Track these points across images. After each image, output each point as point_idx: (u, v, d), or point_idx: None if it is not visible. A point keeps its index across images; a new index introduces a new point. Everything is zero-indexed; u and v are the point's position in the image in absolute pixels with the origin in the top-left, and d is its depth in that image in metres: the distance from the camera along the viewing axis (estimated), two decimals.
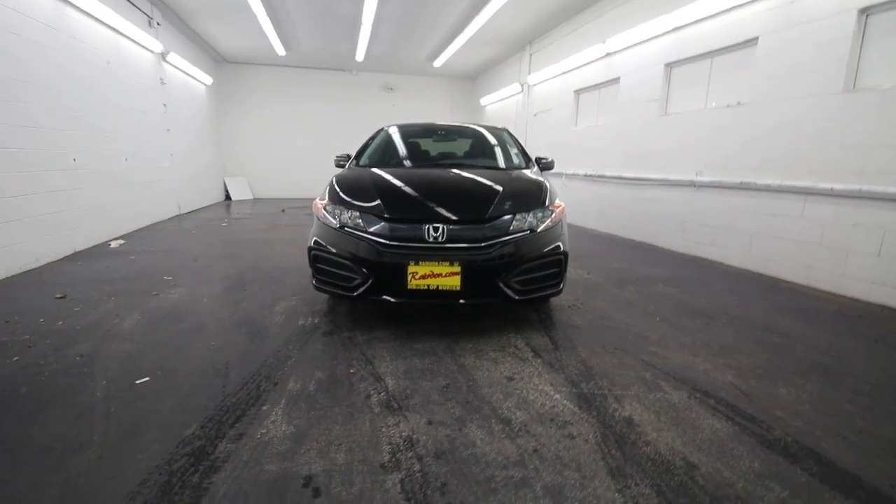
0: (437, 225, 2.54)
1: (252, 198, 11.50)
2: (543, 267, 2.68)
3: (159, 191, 7.19)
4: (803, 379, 2.23)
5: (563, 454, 1.63)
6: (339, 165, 4.07)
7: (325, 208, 2.86)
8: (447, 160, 3.91)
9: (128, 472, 1.49)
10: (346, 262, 2.62)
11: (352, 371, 2.25)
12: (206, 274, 4.04)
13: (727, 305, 3.37)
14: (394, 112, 12.27)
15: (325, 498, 1.40)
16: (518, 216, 2.67)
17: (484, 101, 11.69)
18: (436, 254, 2.50)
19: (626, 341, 2.67)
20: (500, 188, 2.86)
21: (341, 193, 2.90)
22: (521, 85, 9.49)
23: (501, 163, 3.73)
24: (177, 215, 7.95)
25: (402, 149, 3.98)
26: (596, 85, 7.05)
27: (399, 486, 1.46)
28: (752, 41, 4.39)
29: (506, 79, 10.32)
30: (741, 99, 4.59)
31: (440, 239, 2.53)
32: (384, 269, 2.53)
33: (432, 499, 1.40)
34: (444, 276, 2.49)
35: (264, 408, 1.90)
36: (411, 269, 2.48)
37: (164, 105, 7.41)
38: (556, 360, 2.41)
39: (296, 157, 11.82)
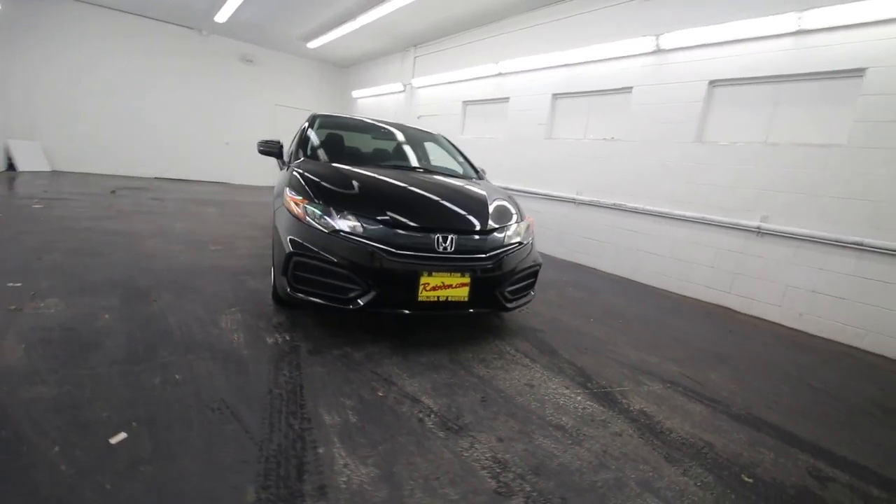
0: (447, 235, 2.49)
1: (50, 170, 8.67)
2: (527, 277, 2.88)
3: None
4: (714, 365, 2.95)
5: (626, 451, 1.85)
6: (268, 153, 3.55)
7: (308, 208, 2.49)
8: (407, 162, 3.78)
9: None
10: (343, 271, 2.34)
11: (381, 394, 2.05)
12: (72, 277, 3.01)
13: (626, 307, 4.12)
14: (254, 89, 10.89)
15: None
16: (507, 227, 2.80)
17: (357, 93, 11.31)
18: (447, 264, 2.45)
19: (587, 342, 3.06)
20: (487, 199, 2.94)
21: (331, 193, 2.57)
22: (404, 85, 9.53)
23: (461, 170, 3.78)
24: None
25: (358, 146, 3.69)
26: (486, 100, 7.60)
27: None
28: (628, 89, 5.43)
29: (386, 76, 10.21)
30: (616, 135, 5.62)
31: (449, 249, 2.48)
32: (393, 279, 2.36)
33: None
34: (454, 287, 2.46)
35: (320, 451, 1.61)
36: (423, 280, 2.37)
37: None
38: (552, 363, 2.64)
39: (120, 123, 9.40)
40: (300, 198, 2.56)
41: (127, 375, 1.94)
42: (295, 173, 2.82)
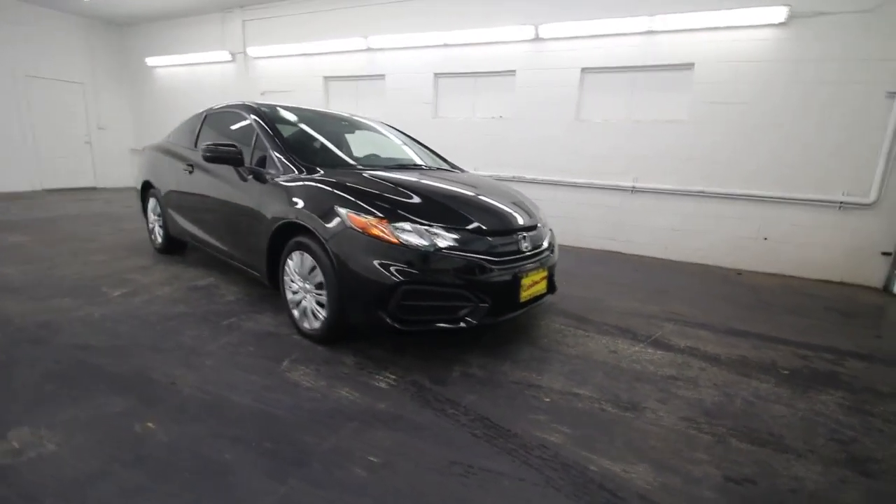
0: (525, 234, 2.57)
1: None
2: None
3: None
4: (664, 299, 3.86)
5: (720, 379, 2.43)
6: (222, 160, 2.83)
7: (396, 228, 2.18)
8: (407, 160, 3.48)
9: None
10: (456, 290, 2.21)
11: (547, 400, 2.10)
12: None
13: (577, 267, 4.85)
14: None
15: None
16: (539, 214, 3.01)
17: (155, 61, 8.95)
18: (533, 262, 2.55)
19: (580, 302, 3.58)
20: (511, 190, 3.06)
21: (405, 207, 2.30)
22: (233, 54, 8.05)
23: (444, 163, 3.68)
24: None
25: (336, 145, 3.21)
26: (355, 76, 7.15)
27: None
28: (512, 72, 5.99)
29: (202, 41, 8.37)
30: (503, 114, 6.18)
31: (529, 248, 2.57)
32: (501, 288, 2.34)
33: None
34: (538, 283, 2.58)
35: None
36: (523, 281, 2.43)
37: None
38: (599, 328, 3.05)
39: None
40: (375, 218, 2.21)
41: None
42: (336, 191, 2.36)
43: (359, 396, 2.05)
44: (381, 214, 2.23)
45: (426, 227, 2.24)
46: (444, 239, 2.25)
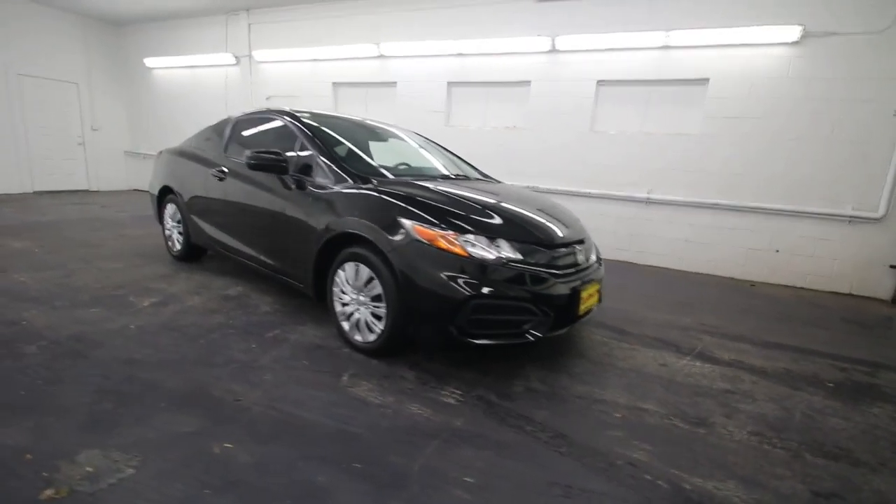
0: (578, 247, 2.57)
1: None
2: None
3: None
4: (691, 311, 3.92)
5: (774, 393, 2.46)
6: (267, 168, 2.77)
7: (466, 241, 2.15)
8: (447, 169, 3.50)
9: None
10: (524, 303, 2.19)
11: (618, 416, 2.09)
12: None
13: None
14: None
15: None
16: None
17: (154, 62, 8.74)
18: (589, 274, 2.55)
19: (640, 317, 3.60)
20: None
21: (469, 220, 2.28)
22: (237, 58, 7.92)
23: (474, 172, 3.67)
24: None
25: (377, 154, 3.17)
26: (365, 83, 7.10)
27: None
28: (527, 83, 6.04)
29: (204, 43, 8.22)
30: (517, 124, 6.22)
31: (584, 260, 2.57)
32: (564, 301, 2.33)
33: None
34: (593, 295, 2.58)
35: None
36: (583, 293, 2.42)
37: None
38: (642, 340, 3.07)
39: None
40: (442, 230, 2.18)
41: None
42: (400, 202, 2.33)
43: (431, 413, 2.00)
44: (448, 226, 2.20)
45: (493, 240, 2.22)
46: (510, 251, 2.23)
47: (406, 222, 2.24)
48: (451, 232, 2.19)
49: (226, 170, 3.39)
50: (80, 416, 1.82)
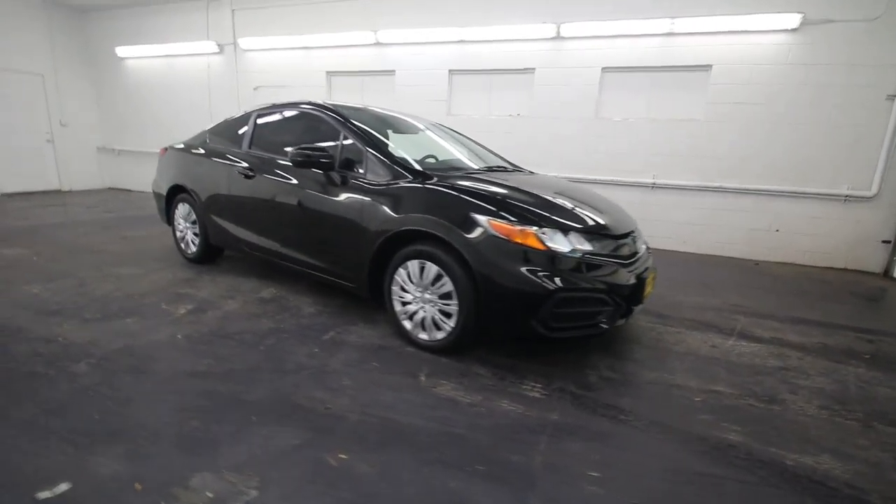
0: (634, 235, 2.61)
1: None
2: None
3: None
4: (715, 292, 4.07)
5: (822, 367, 2.60)
6: (312, 165, 2.68)
7: (544, 235, 2.15)
8: (491, 161, 3.50)
9: None
10: (601, 295, 2.21)
11: (698, 399, 2.16)
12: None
13: None
14: None
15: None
16: None
17: (126, 51, 8.19)
18: (646, 262, 2.60)
19: (673, 301, 3.69)
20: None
21: (539, 214, 2.26)
22: (221, 46, 7.53)
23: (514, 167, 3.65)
24: None
25: (421, 150, 3.11)
26: (361, 72, 6.90)
27: None
28: (531, 70, 6.01)
29: (182, 29, 7.75)
30: (521, 112, 6.21)
31: (641, 249, 2.62)
32: (632, 289, 2.36)
33: None
34: (651, 283, 2.64)
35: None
36: (647, 281, 2.47)
37: None
38: (685, 323, 3.16)
39: None
40: (519, 226, 2.17)
41: None
42: (470, 198, 2.29)
43: (524, 409, 2.01)
44: (524, 221, 2.19)
45: (566, 233, 2.23)
46: (583, 243, 2.25)
47: (481, 218, 2.21)
48: (527, 227, 2.17)
49: (253, 167, 3.24)
50: (170, 437, 1.73)
